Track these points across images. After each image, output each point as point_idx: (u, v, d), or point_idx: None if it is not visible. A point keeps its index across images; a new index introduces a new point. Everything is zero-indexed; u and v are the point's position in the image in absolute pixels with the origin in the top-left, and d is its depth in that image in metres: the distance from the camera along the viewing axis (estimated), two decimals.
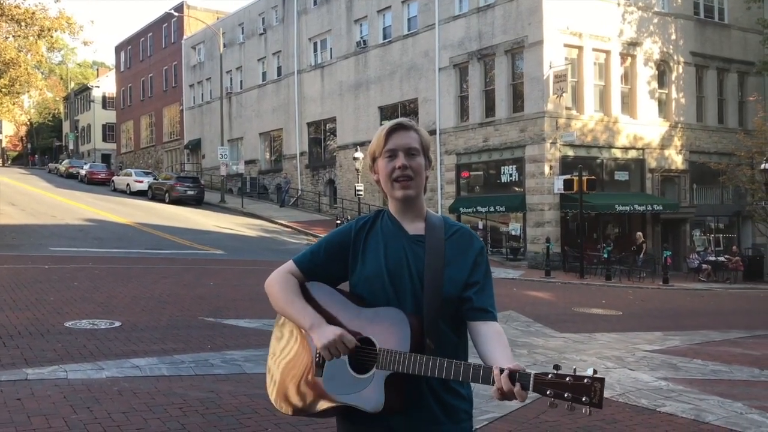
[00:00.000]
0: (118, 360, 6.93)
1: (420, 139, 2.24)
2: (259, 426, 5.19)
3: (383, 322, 2.11)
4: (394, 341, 2.07)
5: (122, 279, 13.41)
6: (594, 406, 1.83)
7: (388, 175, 2.22)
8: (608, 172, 27.05)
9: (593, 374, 1.84)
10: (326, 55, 37.34)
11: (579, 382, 1.84)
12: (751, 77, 30.82)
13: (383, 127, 2.25)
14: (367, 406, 2.08)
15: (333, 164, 36.74)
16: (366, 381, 2.09)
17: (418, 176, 2.22)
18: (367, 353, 2.11)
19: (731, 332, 12.10)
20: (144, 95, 59.48)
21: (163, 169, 51.72)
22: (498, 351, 2.06)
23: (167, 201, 36.10)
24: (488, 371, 1.94)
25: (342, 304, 2.21)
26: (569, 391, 1.84)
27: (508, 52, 26.74)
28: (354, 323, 2.16)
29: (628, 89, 27.52)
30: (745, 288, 23.78)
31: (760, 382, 7.94)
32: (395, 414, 2.11)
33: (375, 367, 2.08)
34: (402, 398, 2.09)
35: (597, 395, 1.83)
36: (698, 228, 29.83)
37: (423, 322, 2.10)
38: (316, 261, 2.29)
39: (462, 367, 1.98)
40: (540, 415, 5.90)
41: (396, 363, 2.04)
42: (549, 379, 1.87)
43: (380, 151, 2.24)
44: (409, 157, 2.21)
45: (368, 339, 2.12)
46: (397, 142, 2.21)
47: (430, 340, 2.09)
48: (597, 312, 14.18)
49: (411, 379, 2.08)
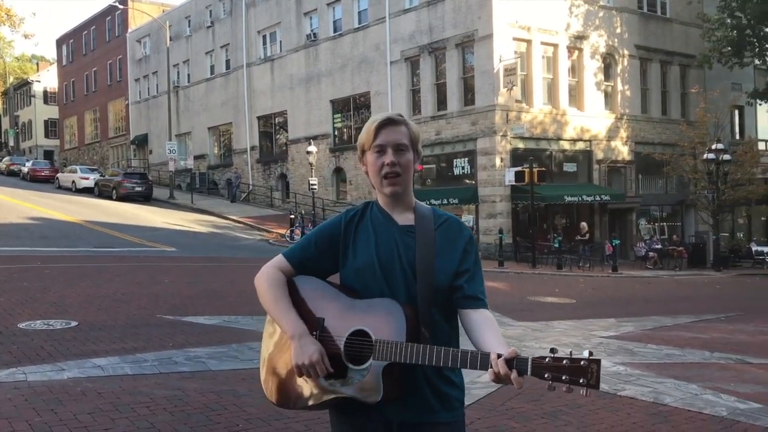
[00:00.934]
0: (78, 360, 6.78)
1: (409, 134, 2.27)
2: (230, 422, 5.16)
3: (378, 312, 2.12)
4: (390, 331, 2.09)
5: (74, 278, 13.09)
6: (591, 387, 1.88)
7: (377, 171, 2.24)
8: (557, 164, 27.55)
9: (589, 356, 1.89)
10: (276, 48, 37.01)
11: (576, 364, 1.88)
12: (693, 70, 31.75)
13: (373, 121, 2.26)
14: (366, 398, 2.09)
15: (285, 158, 36.49)
16: (363, 372, 2.11)
17: (406, 172, 2.25)
18: (362, 344, 2.12)
19: (680, 317, 12.48)
20: (88, 90, 57.96)
21: (109, 166, 50.56)
22: (491, 337, 2.10)
23: (115, 198, 35.35)
24: (486, 357, 1.97)
25: (334, 297, 2.22)
26: (567, 373, 1.89)
27: (458, 45, 26.95)
28: (347, 314, 2.16)
29: (576, 82, 28.05)
30: (690, 275, 24.56)
31: (711, 364, 8.23)
32: (392, 404, 2.13)
33: (371, 357, 2.09)
34: (399, 388, 2.11)
35: (594, 376, 1.88)
36: (644, 217, 30.66)
37: (417, 312, 2.13)
38: (307, 255, 2.29)
39: (460, 355, 2.01)
40: (506, 402, 6.00)
41: (393, 353, 2.06)
42: (546, 363, 1.91)
43: (369, 145, 2.26)
44: (397, 153, 2.23)
45: (362, 330, 2.13)
46: (386, 138, 2.23)
47: (425, 329, 2.12)
48: (551, 300, 14.46)
49: (407, 368, 2.10)
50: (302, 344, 2.12)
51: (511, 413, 5.74)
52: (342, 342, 2.14)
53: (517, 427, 5.40)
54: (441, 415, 2.19)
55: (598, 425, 5.54)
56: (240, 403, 5.64)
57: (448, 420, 2.20)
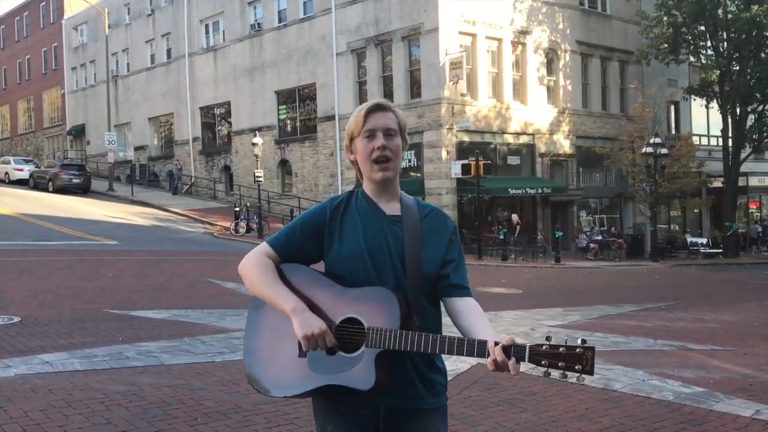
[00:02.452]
0: (24, 356, 6.57)
1: (397, 120, 2.28)
2: (188, 416, 5.08)
3: (371, 301, 2.13)
4: (383, 319, 2.10)
5: (12, 272, 12.65)
6: (586, 373, 1.93)
7: (368, 156, 2.24)
8: (501, 157, 27.95)
9: (583, 344, 1.94)
10: (219, 38, 36.39)
11: (572, 351, 1.93)
12: (631, 65, 32.61)
13: (362, 107, 2.27)
14: (358, 385, 2.09)
15: (228, 150, 35.98)
16: (355, 360, 2.11)
17: (396, 157, 2.26)
18: (354, 332, 2.12)
19: (623, 306, 12.86)
20: (21, 78, 55.88)
21: (45, 157, 48.91)
22: (481, 324, 2.14)
23: (51, 190, 34.25)
24: (483, 345, 2.00)
25: (324, 284, 2.21)
26: (563, 360, 1.94)
27: (405, 38, 27.03)
28: (338, 302, 2.17)
29: (519, 76, 28.48)
30: (629, 265, 25.30)
31: (655, 351, 8.52)
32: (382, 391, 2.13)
33: (364, 345, 2.10)
34: (391, 375, 2.12)
35: (589, 363, 1.93)
36: (584, 209, 31.40)
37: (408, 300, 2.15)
38: (292, 242, 2.28)
39: (456, 342, 2.03)
40: (462, 391, 6.08)
41: (387, 340, 2.07)
42: (544, 350, 1.96)
43: (359, 131, 2.25)
44: (387, 138, 2.23)
45: (354, 318, 2.13)
46: (375, 123, 2.23)
47: (416, 317, 2.14)
48: (499, 291, 14.70)
49: (397, 356, 2.12)
50: (306, 317, 2.11)
51: (468, 401, 5.82)
52: (333, 329, 2.14)
53: (475, 414, 5.48)
54: (427, 401, 2.22)
55: (553, 411, 5.67)
56: (197, 396, 5.57)
57: (433, 406, 2.24)
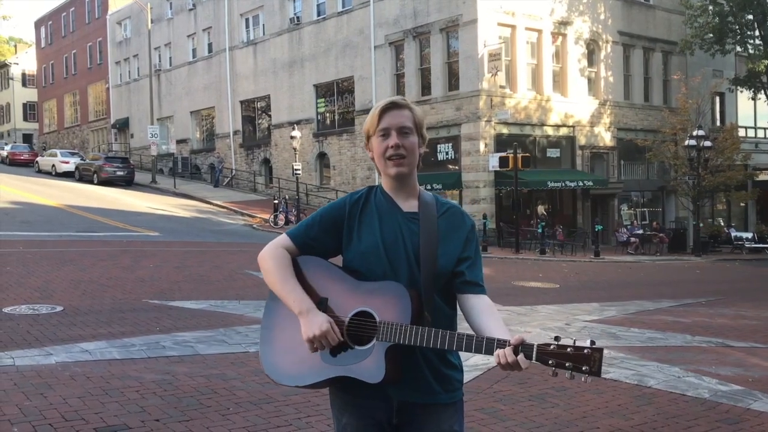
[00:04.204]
0: (65, 345, 6.77)
1: (413, 118, 2.28)
2: (220, 406, 5.18)
3: (384, 295, 2.16)
4: (395, 314, 2.12)
5: (57, 263, 13.00)
6: (593, 374, 1.93)
7: (382, 154, 2.26)
8: (540, 150, 27.67)
9: (591, 345, 1.93)
10: (259, 32, 36.70)
11: (579, 352, 1.93)
12: (675, 56, 31.94)
13: (377, 106, 2.29)
14: (368, 377, 2.13)
15: (268, 143, 36.31)
16: (365, 352, 2.14)
17: (411, 154, 2.26)
18: (366, 325, 2.15)
19: (662, 301, 12.65)
20: (67, 72, 57.16)
21: (90, 150, 50.00)
22: (493, 322, 2.15)
23: (96, 182, 35.01)
24: (492, 343, 2.02)
25: (339, 277, 2.25)
26: (570, 360, 1.93)
27: (443, 30, 26.89)
28: (352, 295, 2.20)
29: (559, 68, 28.12)
30: (670, 259, 24.84)
31: (693, 347, 8.37)
32: (393, 384, 2.16)
33: (375, 338, 2.13)
34: (401, 369, 2.14)
35: (596, 364, 1.92)
36: (625, 203, 30.92)
37: (421, 296, 2.16)
38: (311, 235, 2.31)
39: (464, 339, 2.05)
40: (493, 385, 6.08)
41: (397, 335, 2.09)
42: (551, 350, 1.96)
43: (374, 130, 2.27)
44: (401, 136, 2.24)
45: (367, 312, 2.16)
46: (390, 121, 2.25)
47: (427, 313, 2.15)
48: (535, 285, 14.59)
49: (408, 350, 2.14)
50: (310, 318, 2.15)
51: (498, 396, 5.81)
52: (345, 322, 2.18)
53: (505, 409, 5.47)
54: (441, 396, 2.23)
55: (584, 407, 5.63)
56: (230, 386, 5.67)
57: (447, 401, 2.25)
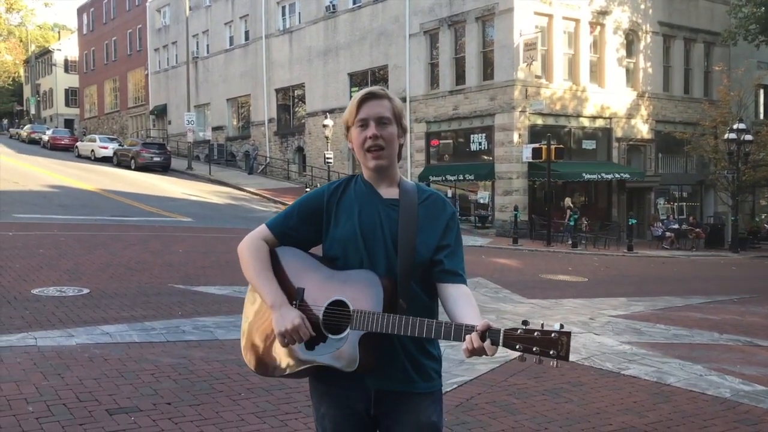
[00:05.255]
0: (87, 327, 6.89)
1: (392, 108, 2.26)
2: (232, 391, 5.23)
3: (356, 284, 2.16)
4: (367, 302, 2.12)
5: (89, 246, 13.25)
6: (561, 359, 1.90)
7: (361, 145, 2.25)
8: (576, 141, 27.31)
9: (560, 328, 1.91)
10: (295, 20, 36.81)
11: (546, 336, 1.91)
12: (717, 47, 31.19)
13: (355, 96, 2.28)
14: (343, 366, 2.14)
15: (302, 131, 36.46)
16: (340, 341, 2.14)
17: (389, 145, 2.25)
18: (340, 314, 2.15)
19: (692, 298, 12.40)
20: (108, 59, 58.11)
21: (129, 135, 50.81)
22: (467, 310, 2.13)
23: (133, 168, 35.56)
24: (459, 329, 2.01)
25: (314, 268, 2.25)
26: (537, 345, 1.91)
27: (478, 19, 26.64)
28: (326, 285, 2.20)
29: (597, 58, 27.67)
30: (706, 255, 24.35)
31: (719, 346, 8.19)
32: (369, 373, 2.16)
33: (349, 327, 2.13)
34: (375, 357, 2.14)
35: (564, 348, 1.90)
36: (662, 196, 30.37)
37: (396, 284, 2.15)
38: (289, 225, 2.32)
39: (434, 325, 2.04)
40: (508, 378, 6.03)
41: (369, 323, 2.09)
42: (518, 335, 1.94)
43: (353, 120, 2.27)
44: (380, 127, 2.23)
45: (341, 301, 2.16)
46: (368, 112, 2.23)
47: (403, 301, 2.14)
48: (563, 279, 14.43)
49: (384, 338, 2.14)
50: (282, 313, 2.17)
51: (512, 389, 5.76)
52: (321, 312, 2.18)
53: (517, 403, 5.42)
54: (418, 385, 2.23)
55: (599, 403, 5.55)
56: (244, 372, 5.70)
57: (425, 390, 2.24)
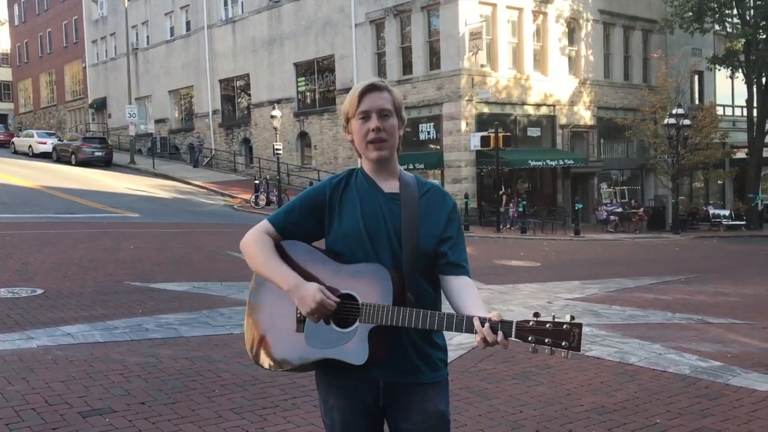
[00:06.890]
0: (47, 328, 6.71)
1: (393, 100, 2.27)
2: (205, 388, 5.17)
3: (365, 277, 2.17)
4: (376, 295, 2.13)
5: (36, 245, 12.85)
6: (573, 350, 1.95)
7: (363, 137, 2.25)
8: (521, 129, 27.71)
9: (571, 320, 1.95)
10: (237, 10, 36.25)
11: (558, 328, 1.95)
12: (655, 35, 32.01)
13: (356, 88, 2.27)
14: (352, 359, 2.14)
15: (248, 123, 36.02)
16: (349, 335, 2.15)
17: (391, 137, 2.26)
18: (348, 308, 2.16)
19: (642, 279, 12.78)
20: (42, 51, 56.13)
21: (67, 130, 49.32)
22: (472, 302, 2.17)
23: (74, 163, 34.59)
24: (470, 321, 2.04)
25: (321, 261, 2.25)
26: (549, 336, 1.96)
27: (424, 8, 26.73)
28: (334, 279, 2.20)
29: (540, 47, 28.10)
30: (649, 237, 25.09)
31: (673, 324, 8.48)
32: (377, 365, 2.18)
33: (358, 321, 2.14)
34: (385, 350, 2.16)
35: (576, 339, 1.95)
36: (605, 181, 31.12)
37: (403, 277, 2.17)
38: (291, 219, 2.31)
39: (445, 318, 2.07)
40: (478, 364, 6.12)
41: (379, 316, 2.11)
42: (530, 326, 1.98)
43: (354, 112, 2.26)
44: (382, 119, 2.24)
45: (349, 294, 2.17)
46: (370, 104, 2.24)
47: (410, 294, 2.16)
48: (517, 264, 14.69)
49: (392, 331, 2.15)
50: (301, 292, 2.15)
51: (483, 374, 5.86)
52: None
53: (490, 387, 5.52)
54: (426, 375, 2.25)
55: (568, 384, 5.69)
56: (214, 368, 5.65)
57: (432, 380, 2.27)
